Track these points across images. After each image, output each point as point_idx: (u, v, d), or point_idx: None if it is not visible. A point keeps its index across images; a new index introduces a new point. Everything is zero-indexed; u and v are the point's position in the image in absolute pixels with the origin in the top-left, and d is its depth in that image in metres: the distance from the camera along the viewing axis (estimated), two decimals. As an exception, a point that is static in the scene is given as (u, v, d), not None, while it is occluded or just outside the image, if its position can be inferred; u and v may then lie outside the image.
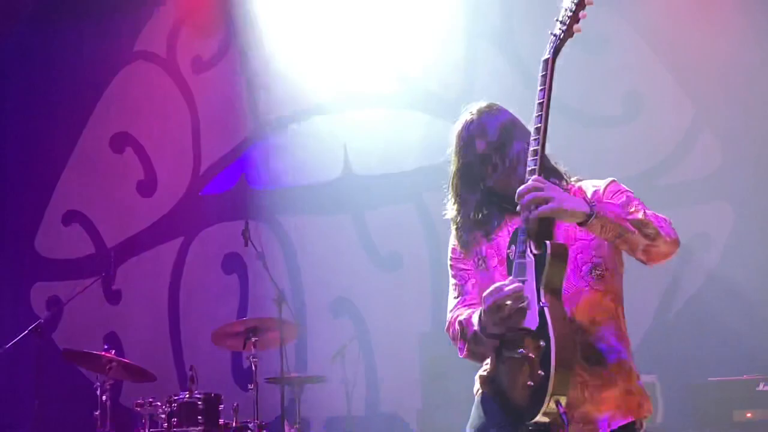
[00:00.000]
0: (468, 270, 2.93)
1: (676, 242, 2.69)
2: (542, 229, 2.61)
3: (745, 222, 6.49)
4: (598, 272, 2.75)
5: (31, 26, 8.17)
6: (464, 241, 2.92)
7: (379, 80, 7.47)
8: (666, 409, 5.79)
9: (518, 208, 2.61)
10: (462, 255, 2.94)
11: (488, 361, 2.83)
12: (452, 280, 2.98)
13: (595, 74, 6.70)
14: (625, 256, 2.80)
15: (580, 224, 2.60)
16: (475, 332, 2.73)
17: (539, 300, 2.55)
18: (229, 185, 7.84)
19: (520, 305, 2.57)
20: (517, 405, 2.61)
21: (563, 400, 2.50)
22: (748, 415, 5.66)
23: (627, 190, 2.81)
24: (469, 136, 2.87)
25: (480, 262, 2.89)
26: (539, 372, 2.51)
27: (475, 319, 2.73)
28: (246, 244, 6.13)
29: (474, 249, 2.90)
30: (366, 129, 7.45)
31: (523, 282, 2.59)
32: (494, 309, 2.60)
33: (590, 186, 2.83)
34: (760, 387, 5.68)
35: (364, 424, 6.90)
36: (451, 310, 2.94)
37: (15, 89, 8.27)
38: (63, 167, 8.19)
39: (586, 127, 6.75)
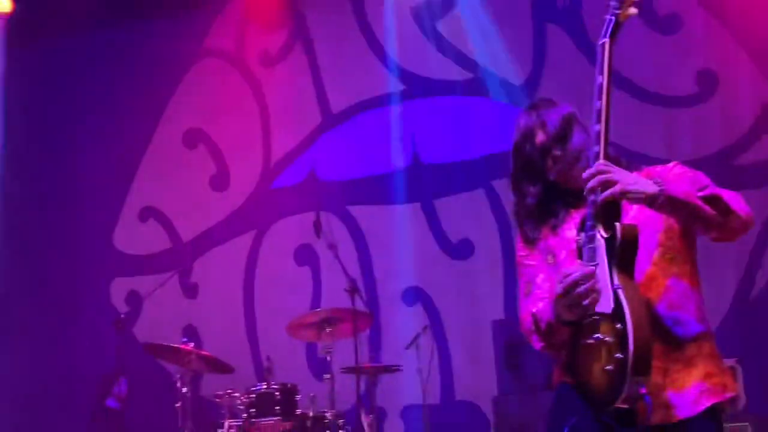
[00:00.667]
0: (536, 265, 2.90)
1: (749, 217, 2.64)
2: (610, 212, 2.59)
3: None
4: (669, 256, 2.70)
5: (103, 26, 8.33)
6: (529, 238, 2.90)
7: (447, 68, 7.44)
8: (747, 394, 5.67)
9: (585, 192, 2.59)
10: (528, 252, 2.92)
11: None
12: (521, 279, 2.96)
13: (668, 53, 6.58)
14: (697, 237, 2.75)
15: (649, 205, 2.57)
16: (549, 322, 2.72)
17: (612, 283, 2.53)
18: (300, 177, 7.90)
19: (592, 288, 2.55)
20: (597, 392, 2.58)
21: (644, 382, 2.47)
22: (834, 398, 5.51)
23: (694, 171, 2.76)
24: (529, 129, 2.86)
25: (549, 256, 2.87)
26: (617, 355, 2.48)
27: (548, 309, 2.72)
28: (317, 236, 6.17)
29: (541, 244, 2.88)
30: (434, 117, 7.44)
31: (595, 266, 2.57)
32: (565, 295, 2.59)
33: (654, 171, 2.80)
34: None
35: (439, 412, 6.90)
36: (524, 308, 2.90)
37: (90, 88, 8.43)
38: (138, 164, 8.35)
39: (660, 107, 6.63)
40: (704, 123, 6.57)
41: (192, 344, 6.08)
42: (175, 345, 6.01)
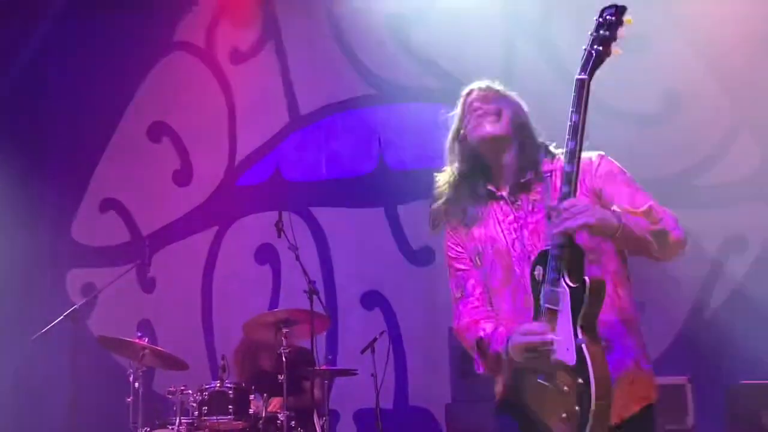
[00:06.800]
0: (466, 270, 2.96)
1: (685, 243, 2.70)
2: (576, 262, 2.57)
3: (783, 224, 6.41)
4: (591, 258, 2.70)
5: (71, 16, 8.26)
6: (455, 220, 2.97)
7: (416, 75, 7.45)
8: (697, 411, 5.74)
9: (553, 232, 2.57)
10: (458, 253, 2.97)
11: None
12: (452, 280, 3.01)
13: (633, 71, 6.63)
14: None
15: (607, 237, 2.59)
16: (498, 354, 2.75)
17: (576, 336, 2.52)
18: (264, 176, 7.88)
19: (550, 355, 2.56)
20: (548, 429, 2.62)
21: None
22: (781, 419, 5.59)
23: (621, 171, 2.80)
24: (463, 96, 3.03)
25: (477, 259, 2.91)
26: (575, 408, 2.50)
27: (498, 340, 2.75)
28: (279, 236, 6.15)
29: (469, 243, 2.93)
30: (401, 123, 7.45)
31: (557, 311, 2.56)
32: (523, 349, 2.62)
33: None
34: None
35: (392, 417, 6.91)
36: (459, 314, 2.97)
37: (55, 78, 8.35)
38: (101, 155, 8.28)
39: (623, 125, 6.69)
40: (667, 143, 6.64)
41: (146, 339, 6.04)
42: (129, 339, 5.96)
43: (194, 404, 5.76)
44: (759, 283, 6.33)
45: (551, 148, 2.91)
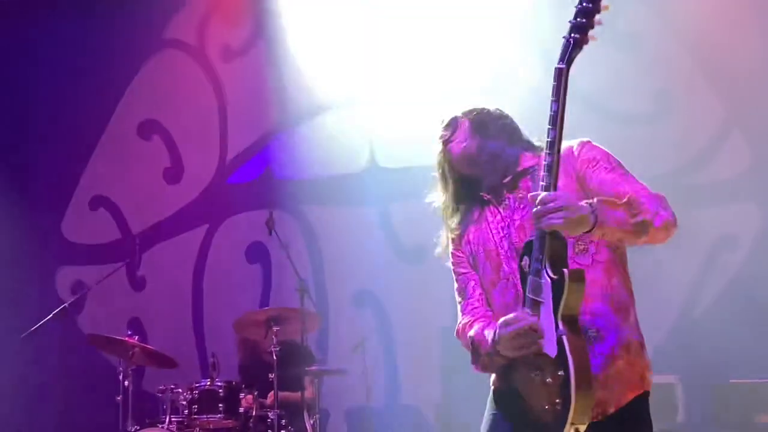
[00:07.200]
0: (466, 273, 2.99)
1: (674, 225, 2.66)
2: (557, 253, 2.56)
3: (773, 224, 6.42)
4: (580, 247, 2.71)
5: (62, 13, 8.22)
6: (454, 232, 3.03)
7: (407, 73, 7.43)
8: (687, 410, 5.76)
9: (532, 218, 2.56)
10: (459, 259, 3.02)
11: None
12: (455, 284, 3.06)
13: (625, 71, 6.64)
14: None
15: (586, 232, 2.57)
16: (489, 352, 2.77)
17: (557, 328, 2.52)
18: (255, 175, 7.86)
19: (537, 338, 2.57)
20: (536, 420, 2.63)
21: (582, 428, 2.50)
22: (771, 418, 5.61)
23: (604, 154, 2.80)
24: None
25: (474, 262, 2.95)
26: (557, 400, 2.51)
27: (488, 336, 2.76)
28: (270, 234, 6.16)
29: (466, 246, 2.97)
30: (392, 121, 7.43)
31: (540, 303, 2.56)
32: (509, 339, 2.63)
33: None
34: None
35: (383, 415, 6.90)
36: (460, 315, 3.00)
37: (45, 74, 8.32)
38: (91, 153, 8.25)
39: (615, 124, 6.69)
40: (659, 142, 6.64)
41: (137, 337, 6.03)
42: (119, 337, 5.95)
43: (184, 402, 5.75)
44: (750, 283, 6.33)
45: (534, 141, 2.91)
